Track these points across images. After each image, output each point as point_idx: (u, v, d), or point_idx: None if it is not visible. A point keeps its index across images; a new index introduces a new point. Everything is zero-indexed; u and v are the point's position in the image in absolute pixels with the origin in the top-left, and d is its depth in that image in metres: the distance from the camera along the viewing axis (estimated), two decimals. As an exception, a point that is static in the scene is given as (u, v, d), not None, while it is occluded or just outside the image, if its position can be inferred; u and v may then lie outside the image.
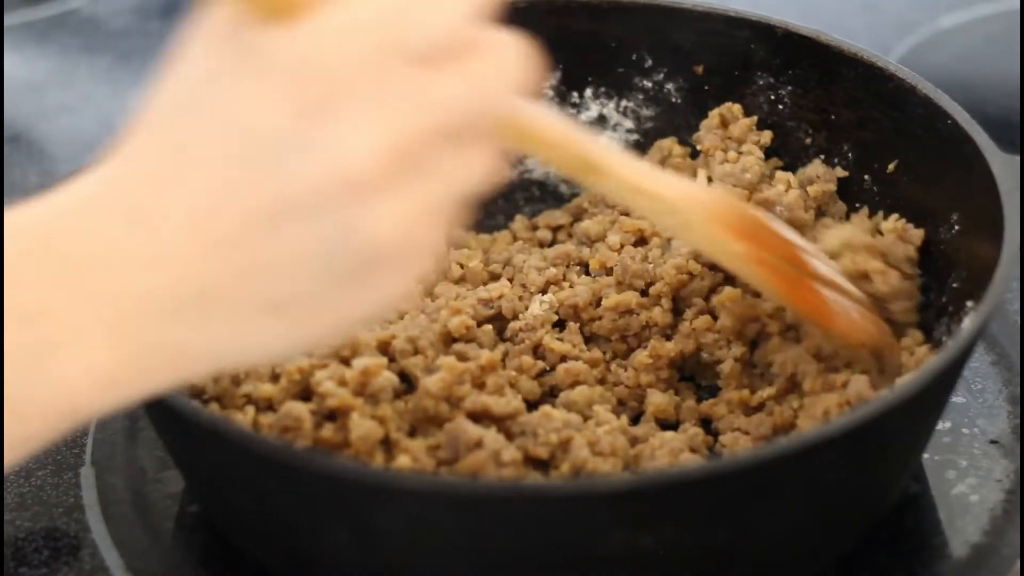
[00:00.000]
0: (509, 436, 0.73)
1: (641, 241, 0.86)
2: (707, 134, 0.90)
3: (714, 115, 0.90)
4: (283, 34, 0.47)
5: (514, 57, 0.51)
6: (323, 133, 0.47)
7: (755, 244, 0.73)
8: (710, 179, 0.88)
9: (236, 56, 0.47)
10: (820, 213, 0.86)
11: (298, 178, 0.47)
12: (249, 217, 0.47)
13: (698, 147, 0.90)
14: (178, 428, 0.70)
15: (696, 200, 0.71)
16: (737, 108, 0.90)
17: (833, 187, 0.86)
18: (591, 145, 0.64)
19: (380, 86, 0.47)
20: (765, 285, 0.76)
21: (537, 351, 0.81)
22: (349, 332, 0.53)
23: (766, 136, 0.89)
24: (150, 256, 0.48)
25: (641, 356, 0.81)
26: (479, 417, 0.74)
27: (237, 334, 0.50)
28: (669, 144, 0.91)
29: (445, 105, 0.49)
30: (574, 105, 0.94)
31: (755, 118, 0.89)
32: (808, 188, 0.86)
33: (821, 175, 0.86)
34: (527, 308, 0.83)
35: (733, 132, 0.90)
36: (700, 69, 0.91)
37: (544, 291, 0.85)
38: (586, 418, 0.76)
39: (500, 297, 0.82)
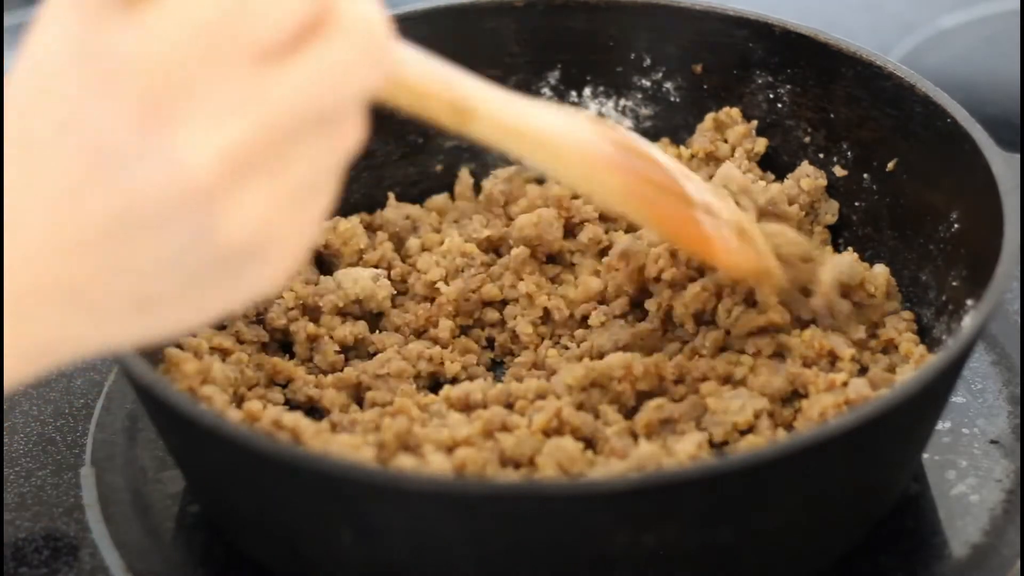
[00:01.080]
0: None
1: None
2: (699, 136, 0.90)
3: (709, 118, 0.90)
4: (127, 28, 0.47)
5: (364, 31, 0.50)
6: (162, 140, 0.47)
7: (632, 177, 0.72)
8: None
9: (81, 52, 0.47)
10: (810, 210, 0.87)
11: (142, 188, 0.47)
12: (104, 222, 0.47)
13: (689, 149, 0.90)
14: (179, 428, 0.70)
15: (572, 138, 0.69)
16: (736, 112, 0.90)
17: (823, 183, 0.86)
18: (461, 87, 0.61)
19: (222, 86, 0.47)
20: (645, 220, 0.76)
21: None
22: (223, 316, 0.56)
23: (760, 144, 0.89)
24: (13, 257, 0.47)
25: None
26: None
27: (103, 330, 0.50)
28: (661, 147, 0.91)
29: (291, 100, 0.48)
30: (573, 104, 0.94)
31: (754, 123, 0.89)
32: (800, 182, 0.86)
33: (811, 174, 0.86)
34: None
35: (728, 136, 0.90)
36: (699, 68, 0.91)
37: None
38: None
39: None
